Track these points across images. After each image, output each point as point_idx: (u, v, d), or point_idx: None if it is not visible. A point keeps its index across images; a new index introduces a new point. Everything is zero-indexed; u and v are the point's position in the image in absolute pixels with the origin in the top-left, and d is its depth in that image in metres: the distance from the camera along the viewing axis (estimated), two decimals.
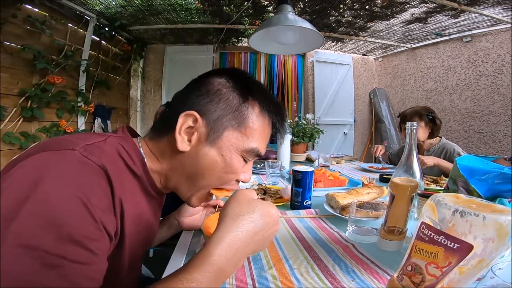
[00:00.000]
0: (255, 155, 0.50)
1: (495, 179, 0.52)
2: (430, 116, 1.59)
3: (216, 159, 0.46)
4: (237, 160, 0.48)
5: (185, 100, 0.48)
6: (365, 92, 4.07)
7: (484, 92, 2.76)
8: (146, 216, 0.50)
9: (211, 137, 0.46)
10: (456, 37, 2.96)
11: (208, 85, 0.48)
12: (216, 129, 0.46)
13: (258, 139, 0.49)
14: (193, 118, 0.46)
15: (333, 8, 2.46)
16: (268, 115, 0.50)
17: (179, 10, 2.54)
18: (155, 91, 3.57)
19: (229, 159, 0.47)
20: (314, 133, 1.99)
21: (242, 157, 0.48)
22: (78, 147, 0.37)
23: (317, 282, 0.46)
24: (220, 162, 0.46)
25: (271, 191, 1.00)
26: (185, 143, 0.47)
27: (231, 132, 0.46)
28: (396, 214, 0.57)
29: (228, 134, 0.46)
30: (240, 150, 0.47)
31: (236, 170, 0.48)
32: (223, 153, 0.46)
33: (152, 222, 0.54)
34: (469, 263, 0.31)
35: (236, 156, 0.47)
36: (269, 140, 0.53)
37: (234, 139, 0.47)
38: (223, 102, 0.46)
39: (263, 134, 0.50)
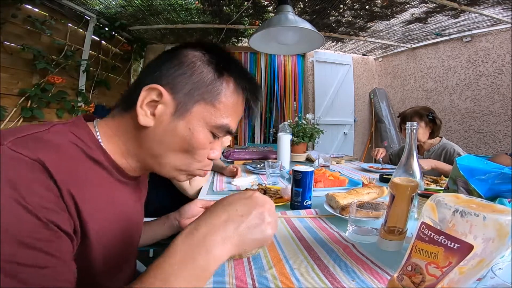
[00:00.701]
0: (225, 131, 0.47)
1: (495, 179, 0.52)
2: (430, 116, 1.59)
3: (183, 133, 0.43)
4: (204, 134, 0.45)
5: (153, 72, 0.44)
6: (365, 92, 4.07)
7: (484, 92, 2.76)
8: (119, 206, 0.46)
9: (179, 111, 0.43)
10: (456, 37, 2.96)
11: (181, 57, 0.45)
12: (185, 103, 0.43)
13: (230, 116, 0.46)
14: (157, 92, 0.43)
15: (333, 8, 2.46)
16: (242, 93, 0.48)
17: (179, 10, 2.55)
18: None
19: (196, 133, 0.44)
20: (314, 133, 1.99)
21: (211, 132, 0.46)
22: (6, 141, 0.32)
23: (317, 282, 0.46)
24: (188, 137, 0.44)
25: (271, 191, 1.00)
26: (148, 118, 0.43)
27: (202, 106, 0.44)
28: (396, 214, 0.57)
29: (199, 108, 0.44)
30: (210, 125, 0.45)
31: (204, 145, 0.46)
32: (191, 126, 0.44)
33: (130, 211, 0.50)
34: (469, 263, 0.31)
35: (203, 130, 0.45)
36: (240, 115, 0.51)
37: (205, 113, 0.44)
38: (196, 76, 0.43)
39: (236, 111, 0.48)
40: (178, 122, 0.43)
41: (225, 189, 1.16)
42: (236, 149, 1.92)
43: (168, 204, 1.16)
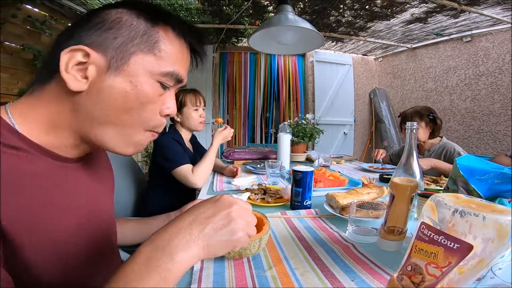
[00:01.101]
0: (175, 79, 0.43)
1: (495, 179, 0.52)
2: (431, 116, 1.59)
3: (125, 88, 0.38)
4: (151, 85, 0.40)
5: (70, 36, 0.39)
6: (365, 92, 4.07)
7: (484, 92, 2.76)
8: (58, 196, 0.39)
9: (114, 66, 0.38)
10: (456, 37, 2.96)
11: (102, 16, 0.39)
12: (120, 57, 0.38)
13: (176, 63, 0.42)
14: (82, 53, 0.37)
15: (333, 8, 2.46)
16: (184, 39, 0.44)
17: (179, 10, 2.55)
18: None
19: (141, 85, 0.39)
20: (314, 133, 1.99)
21: (159, 83, 0.41)
22: None
23: (317, 282, 0.46)
24: (131, 91, 0.39)
25: (271, 191, 1.00)
26: (79, 82, 0.37)
27: (140, 56, 0.39)
28: (396, 214, 0.57)
29: (137, 59, 0.39)
30: (156, 74, 0.40)
31: (153, 98, 0.41)
32: (132, 79, 0.39)
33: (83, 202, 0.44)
34: (469, 263, 0.31)
35: (149, 80, 0.40)
36: (189, 65, 0.48)
37: (146, 63, 0.39)
38: (125, 29, 0.39)
39: (181, 58, 0.44)
40: (115, 78, 0.38)
41: (225, 189, 1.16)
42: (236, 149, 1.92)
43: (167, 204, 1.16)
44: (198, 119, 1.34)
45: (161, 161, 1.22)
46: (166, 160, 1.20)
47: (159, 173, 1.30)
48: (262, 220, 0.59)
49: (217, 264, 0.52)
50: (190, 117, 1.33)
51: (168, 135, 1.29)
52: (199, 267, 0.51)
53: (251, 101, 3.74)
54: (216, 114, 3.61)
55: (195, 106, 1.33)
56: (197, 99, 1.34)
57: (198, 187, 1.18)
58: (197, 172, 1.18)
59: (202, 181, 1.18)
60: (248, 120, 3.75)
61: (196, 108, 1.33)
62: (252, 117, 3.76)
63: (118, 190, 1.29)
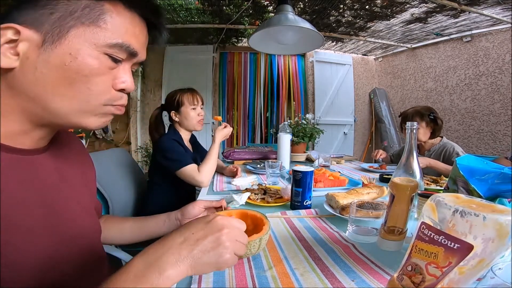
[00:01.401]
0: (127, 52, 0.40)
1: (495, 179, 0.52)
2: (431, 116, 1.58)
3: (63, 61, 0.36)
4: (95, 58, 0.38)
5: (3, 18, 0.36)
6: (365, 92, 4.07)
7: (484, 92, 2.76)
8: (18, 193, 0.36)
9: (49, 40, 0.36)
10: (456, 37, 2.96)
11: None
12: (57, 31, 0.36)
13: (126, 35, 0.40)
14: (12, 31, 0.35)
15: (333, 8, 2.46)
16: (135, 11, 0.41)
17: (179, 10, 2.55)
18: (155, 91, 3.57)
19: (82, 57, 0.37)
20: (314, 133, 1.99)
21: (107, 55, 0.39)
22: None
23: (317, 282, 0.46)
24: (70, 63, 0.36)
25: (271, 191, 1.00)
26: (9, 58, 0.35)
27: (82, 28, 0.36)
28: (396, 214, 0.57)
29: (78, 32, 0.36)
30: (101, 46, 0.38)
31: (99, 71, 0.38)
32: (72, 52, 0.36)
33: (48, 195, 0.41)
34: (469, 263, 0.31)
35: (92, 52, 0.37)
36: (146, 40, 0.45)
37: (89, 34, 0.37)
38: (63, 4, 0.36)
39: (133, 31, 0.41)
40: (51, 52, 0.36)
41: (225, 189, 1.16)
42: (236, 149, 1.92)
43: (167, 204, 1.16)
44: (196, 118, 1.34)
45: (163, 162, 1.22)
46: (169, 160, 1.20)
47: (159, 174, 1.30)
48: (262, 220, 0.59)
49: None
50: (188, 116, 1.33)
51: (168, 135, 1.29)
52: None
53: (251, 101, 3.74)
54: (216, 114, 3.61)
55: (193, 104, 1.33)
56: (194, 97, 1.34)
57: (205, 186, 1.18)
58: (203, 171, 1.18)
59: (208, 180, 1.19)
60: (248, 120, 3.75)
61: (194, 106, 1.33)
62: (252, 117, 3.76)
63: (118, 190, 1.30)
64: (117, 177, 1.30)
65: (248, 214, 0.63)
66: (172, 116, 1.35)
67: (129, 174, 1.40)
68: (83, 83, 0.38)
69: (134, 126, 3.48)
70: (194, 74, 3.49)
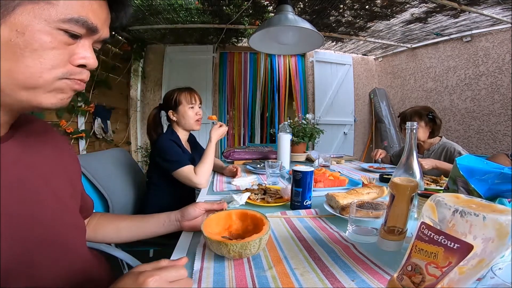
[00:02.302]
0: (84, 27, 0.39)
1: (495, 179, 0.52)
2: (430, 116, 1.59)
3: (9, 37, 0.35)
4: (47, 33, 0.36)
5: None
6: (365, 92, 4.07)
7: (484, 92, 2.76)
8: None
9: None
10: (456, 37, 2.96)
11: None
12: (2, 9, 0.34)
13: (82, 10, 0.38)
14: None
15: (333, 8, 2.46)
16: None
17: (179, 10, 2.55)
18: (155, 91, 3.57)
19: (31, 33, 0.36)
20: (314, 133, 1.99)
21: (62, 30, 0.38)
22: None
23: (317, 282, 0.46)
24: (17, 39, 0.35)
25: (271, 191, 1.00)
26: None
27: (30, 6, 0.35)
28: (396, 214, 0.57)
29: (25, 9, 0.35)
30: (54, 21, 0.36)
31: (53, 45, 0.37)
32: (19, 28, 0.35)
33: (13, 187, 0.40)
34: (469, 263, 0.31)
35: (45, 28, 0.36)
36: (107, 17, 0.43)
37: (37, 11, 0.36)
38: None
39: (90, 6, 0.40)
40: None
41: (225, 189, 1.16)
42: (236, 149, 1.92)
43: (167, 204, 1.16)
44: (194, 117, 1.34)
45: (161, 162, 1.21)
46: (166, 161, 1.20)
47: (158, 174, 1.30)
48: (262, 220, 0.59)
49: (217, 264, 0.52)
50: (185, 115, 1.32)
51: (165, 135, 1.29)
52: (199, 267, 0.51)
53: (251, 101, 3.74)
54: (216, 114, 3.61)
55: (190, 103, 1.32)
56: (192, 96, 1.33)
57: (203, 187, 1.18)
58: (199, 172, 1.17)
59: (205, 181, 1.18)
60: (248, 120, 3.75)
61: (192, 105, 1.33)
62: (252, 117, 3.76)
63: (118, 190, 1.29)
64: (117, 177, 1.30)
65: (248, 214, 0.63)
66: (170, 115, 1.34)
67: (129, 174, 1.40)
68: (33, 58, 0.36)
69: (134, 126, 3.48)
70: (194, 74, 3.49)
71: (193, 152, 1.44)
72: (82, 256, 0.52)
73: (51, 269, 0.43)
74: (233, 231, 0.63)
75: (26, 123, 0.46)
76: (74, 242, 0.49)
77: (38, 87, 0.38)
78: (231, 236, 0.61)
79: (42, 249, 0.42)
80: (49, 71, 0.38)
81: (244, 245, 0.50)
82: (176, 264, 0.41)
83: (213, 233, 0.57)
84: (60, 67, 0.39)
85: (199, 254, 0.56)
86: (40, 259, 0.41)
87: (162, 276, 0.37)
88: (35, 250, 0.41)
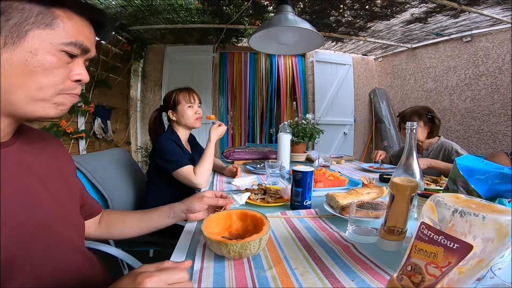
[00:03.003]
0: (79, 48, 0.47)
1: (495, 179, 0.52)
2: (429, 116, 1.60)
3: (24, 57, 0.42)
4: (53, 54, 0.44)
5: None
6: (365, 92, 4.07)
7: (484, 92, 2.76)
8: None
9: (10, 42, 0.41)
10: (456, 37, 2.96)
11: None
12: (16, 34, 0.41)
13: (78, 35, 0.46)
14: None
15: (333, 8, 2.46)
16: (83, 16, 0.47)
17: (179, 10, 2.55)
18: (155, 91, 3.57)
19: (42, 54, 0.43)
20: (314, 133, 1.99)
21: (63, 52, 0.45)
22: None
23: (317, 282, 0.46)
24: (31, 59, 0.42)
25: (271, 191, 1.00)
26: None
27: (38, 32, 0.42)
28: (396, 214, 0.57)
29: (35, 34, 0.42)
30: (57, 45, 0.44)
31: (58, 64, 0.45)
32: (32, 50, 0.42)
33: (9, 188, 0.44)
34: (469, 263, 0.31)
35: (51, 50, 0.44)
36: (94, 38, 0.51)
37: (45, 36, 0.43)
38: (17, 12, 0.41)
39: (83, 31, 0.47)
40: (13, 51, 0.41)
41: (225, 189, 1.16)
42: (236, 149, 1.92)
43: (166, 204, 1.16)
44: (193, 116, 1.34)
45: (161, 162, 1.21)
46: (166, 161, 1.20)
47: (158, 174, 1.30)
48: (262, 220, 0.59)
49: (217, 264, 0.52)
50: (185, 114, 1.33)
51: (165, 136, 1.29)
52: (199, 267, 0.51)
53: (251, 101, 3.74)
54: (216, 114, 3.61)
55: (189, 103, 1.33)
56: (190, 96, 1.34)
57: (203, 187, 1.18)
58: (199, 172, 1.17)
59: (205, 181, 1.18)
60: (248, 120, 3.75)
61: (190, 105, 1.33)
62: (252, 117, 3.76)
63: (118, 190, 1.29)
64: (117, 177, 1.30)
65: (248, 214, 0.63)
66: (170, 115, 1.35)
67: (129, 174, 1.40)
68: (44, 75, 0.44)
69: (134, 126, 3.49)
70: (194, 74, 3.49)
71: (193, 152, 1.44)
72: (78, 251, 0.55)
73: (49, 258, 0.47)
74: (233, 231, 0.63)
75: (25, 131, 0.53)
76: (69, 235, 0.53)
77: (45, 99, 0.45)
78: (231, 236, 0.61)
79: (41, 238, 0.46)
80: (54, 86, 0.45)
81: (244, 245, 0.50)
82: (178, 266, 0.41)
83: (213, 233, 0.57)
84: (61, 83, 0.46)
85: (199, 254, 0.56)
86: (40, 247, 0.46)
87: (161, 277, 0.37)
88: (35, 238, 0.45)
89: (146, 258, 1.60)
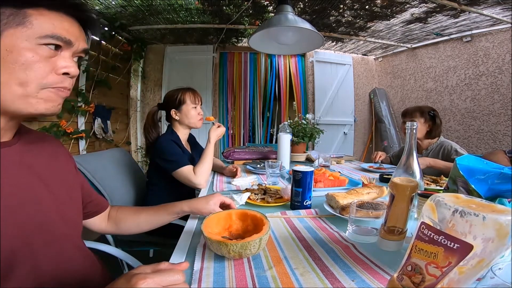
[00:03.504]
0: (61, 41, 0.46)
1: (495, 179, 0.52)
2: (431, 114, 1.61)
3: (2, 56, 0.42)
4: (31, 49, 0.44)
5: None
6: (365, 92, 4.07)
7: (484, 92, 2.76)
8: None
9: None
10: (456, 37, 2.96)
11: None
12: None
13: (56, 29, 0.45)
14: None
15: (333, 8, 2.46)
16: (60, 11, 0.47)
17: (179, 10, 2.55)
18: (155, 91, 3.57)
19: (18, 50, 0.43)
20: (314, 133, 1.99)
21: (44, 45, 0.45)
22: None
23: (317, 282, 0.46)
24: (8, 57, 0.43)
25: (271, 191, 1.00)
26: None
27: (11, 31, 0.43)
28: (396, 214, 0.57)
29: (9, 33, 0.43)
30: (34, 38, 0.44)
31: (37, 59, 0.44)
32: (8, 48, 0.42)
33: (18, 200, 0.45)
34: (469, 263, 0.31)
35: (29, 45, 0.44)
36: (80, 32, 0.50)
37: (19, 33, 0.43)
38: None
39: (61, 25, 0.47)
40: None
41: (225, 189, 1.16)
42: (236, 149, 1.92)
43: None
44: (197, 116, 1.35)
45: (160, 162, 1.22)
46: (166, 161, 1.20)
47: (157, 174, 1.30)
48: (262, 220, 0.59)
49: (217, 264, 0.52)
50: (189, 114, 1.33)
51: (166, 136, 1.29)
52: (199, 267, 0.51)
53: (251, 101, 3.74)
54: (216, 114, 3.61)
55: (194, 103, 1.34)
56: (196, 97, 1.35)
57: (202, 187, 1.18)
58: (199, 172, 1.17)
59: (205, 181, 1.19)
60: (248, 120, 3.75)
61: (195, 105, 1.34)
62: (252, 117, 3.76)
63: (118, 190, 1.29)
64: (117, 177, 1.30)
65: (248, 214, 0.63)
66: (172, 114, 1.35)
67: (129, 174, 1.40)
68: (23, 70, 0.44)
69: (134, 126, 3.48)
70: (194, 74, 3.49)
71: (193, 152, 1.44)
72: (77, 249, 0.56)
73: (49, 256, 0.48)
74: (233, 231, 0.63)
75: (27, 133, 0.54)
76: (69, 233, 0.54)
77: (28, 95, 0.44)
78: (231, 236, 0.61)
79: (41, 236, 0.47)
80: (35, 81, 0.45)
81: (244, 245, 0.50)
82: (174, 268, 0.41)
83: (213, 233, 0.57)
84: (43, 77, 0.45)
85: (199, 254, 0.56)
86: (40, 245, 0.47)
87: (155, 279, 0.37)
88: (35, 236, 0.46)
89: (146, 258, 1.60)
